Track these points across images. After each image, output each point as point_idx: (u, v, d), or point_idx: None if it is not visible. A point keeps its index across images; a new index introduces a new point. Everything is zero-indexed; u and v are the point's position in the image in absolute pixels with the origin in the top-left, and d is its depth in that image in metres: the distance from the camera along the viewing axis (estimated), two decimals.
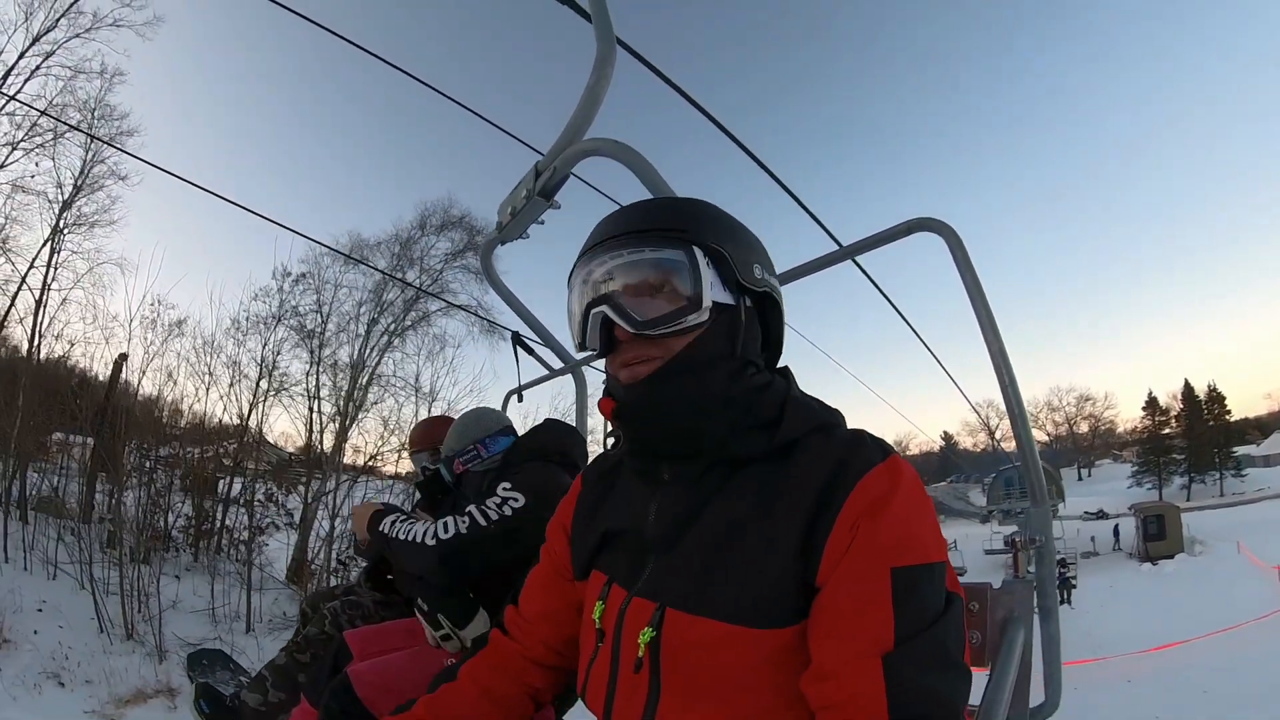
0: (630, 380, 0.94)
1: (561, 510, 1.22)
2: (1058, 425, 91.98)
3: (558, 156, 1.79)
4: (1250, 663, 10.24)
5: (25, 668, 6.14)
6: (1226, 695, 8.80)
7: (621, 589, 0.97)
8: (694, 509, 0.93)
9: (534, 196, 1.91)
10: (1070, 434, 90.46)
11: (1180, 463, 66.13)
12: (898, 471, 0.83)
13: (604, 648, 0.96)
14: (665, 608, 0.87)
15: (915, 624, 0.74)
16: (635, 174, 1.55)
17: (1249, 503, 47.82)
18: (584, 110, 1.74)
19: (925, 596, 0.76)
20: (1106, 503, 52.66)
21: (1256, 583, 17.83)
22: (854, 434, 0.91)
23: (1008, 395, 2.03)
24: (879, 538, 0.77)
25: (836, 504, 0.80)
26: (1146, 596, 20.02)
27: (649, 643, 0.86)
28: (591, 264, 0.96)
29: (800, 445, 0.90)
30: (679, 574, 0.89)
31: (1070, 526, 36.45)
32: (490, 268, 2.72)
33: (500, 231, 2.14)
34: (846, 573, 0.77)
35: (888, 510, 0.79)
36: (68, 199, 14.52)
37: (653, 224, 0.95)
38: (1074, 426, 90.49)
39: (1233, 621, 12.80)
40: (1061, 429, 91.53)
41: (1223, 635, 12.17)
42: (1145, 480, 67.30)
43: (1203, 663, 10.71)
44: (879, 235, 2.21)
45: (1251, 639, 11.69)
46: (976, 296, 2.04)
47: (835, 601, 0.77)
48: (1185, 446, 66.54)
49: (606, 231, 0.97)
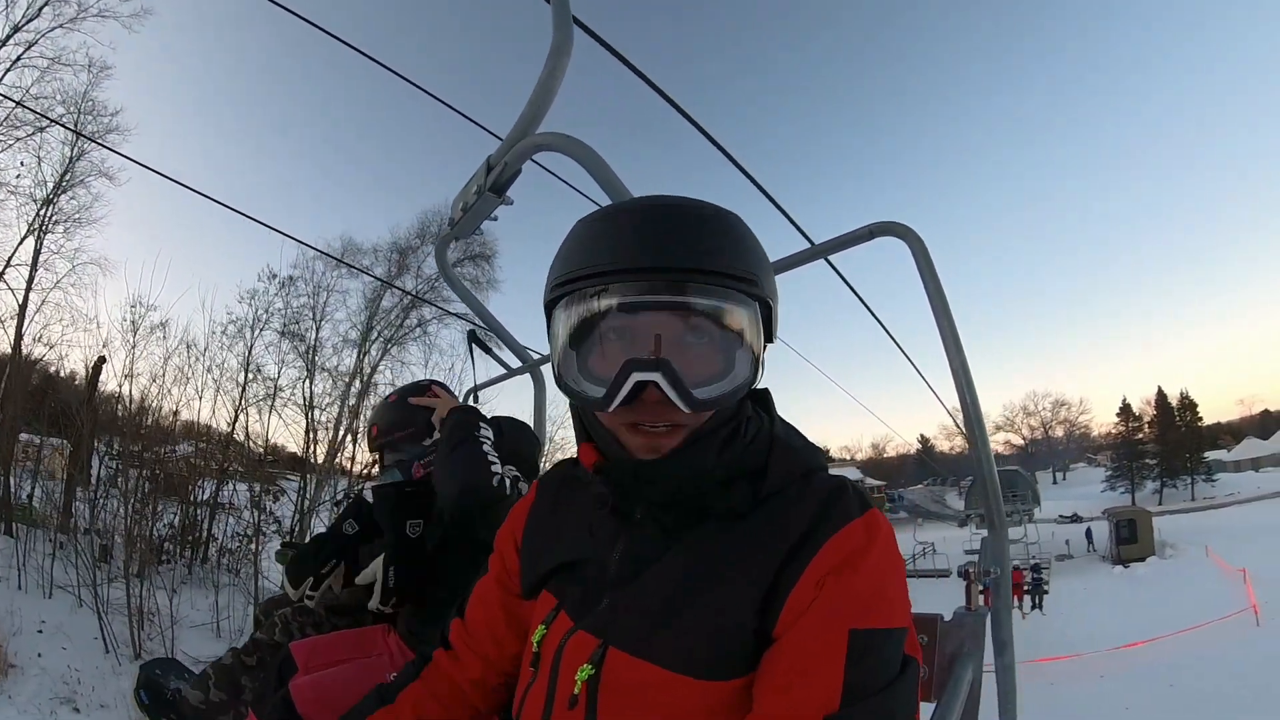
0: (650, 455, 0.85)
1: (513, 519, 1.15)
2: (1033, 429, 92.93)
3: (509, 150, 1.71)
4: (1213, 659, 10.77)
5: (35, 693, 5.86)
6: (1191, 689, 9.34)
7: (568, 619, 0.91)
8: (660, 551, 0.88)
9: (485, 192, 1.83)
10: (1046, 438, 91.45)
11: (1153, 468, 67.15)
12: (874, 529, 0.80)
13: (540, 676, 0.91)
14: (609, 646, 0.83)
15: (865, 688, 0.71)
16: (589, 172, 1.48)
17: (1219, 507, 48.77)
18: (537, 102, 1.65)
19: (880, 662, 0.73)
20: (1081, 506, 53.30)
21: (1223, 585, 18.32)
22: (835, 483, 0.86)
23: (967, 413, 1.97)
24: (843, 598, 0.74)
25: (805, 558, 0.77)
26: (1118, 598, 20.58)
27: (586, 680, 0.82)
28: (638, 304, 0.78)
29: (779, 494, 0.86)
30: (632, 615, 0.84)
31: (1045, 530, 36.90)
32: (445, 263, 2.60)
33: (453, 228, 2.09)
34: (804, 628, 0.74)
35: (857, 571, 0.76)
36: (49, 195, 13.92)
37: (728, 266, 0.79)
38: (1049, 431, 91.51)
39: (1199, 621, 13.30)
40: (1037, 433, 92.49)
41: (1189, 634, 12.66)
42: (1119, 484, 68.35)
43: (1170, 659, 11.22)
44: (840, 239, 2.15)
45: (1215, 637, 12.24)
46: (939, 307, 1.97)
47: (787, 655, 0.74)
48: (1158, 452, 67.63)
49: (665, 251, 0.78)
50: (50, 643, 6.69)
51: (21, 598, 7.37)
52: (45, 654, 6.46)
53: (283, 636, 2.33)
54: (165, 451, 10.43)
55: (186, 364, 11.27)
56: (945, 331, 1.96)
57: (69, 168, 14.24)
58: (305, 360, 14.29)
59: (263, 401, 13.05)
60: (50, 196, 13.96)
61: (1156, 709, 8.49)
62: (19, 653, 6.28)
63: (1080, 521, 44.24)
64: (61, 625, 6.99)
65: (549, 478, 1.15)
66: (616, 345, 0.81)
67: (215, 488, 10.96)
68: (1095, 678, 11.10)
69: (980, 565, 1.92)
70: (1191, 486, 63.53)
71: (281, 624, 2.38)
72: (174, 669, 3.16)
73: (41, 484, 9.93)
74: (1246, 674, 9.69)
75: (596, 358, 0.83)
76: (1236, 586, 16.86)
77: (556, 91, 1.66)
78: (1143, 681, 10.14)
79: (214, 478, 10.97)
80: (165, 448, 10.50)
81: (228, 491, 11.20)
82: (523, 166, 1.80)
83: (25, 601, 7.25)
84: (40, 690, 5.92)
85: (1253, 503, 46.18)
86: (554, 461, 1.89)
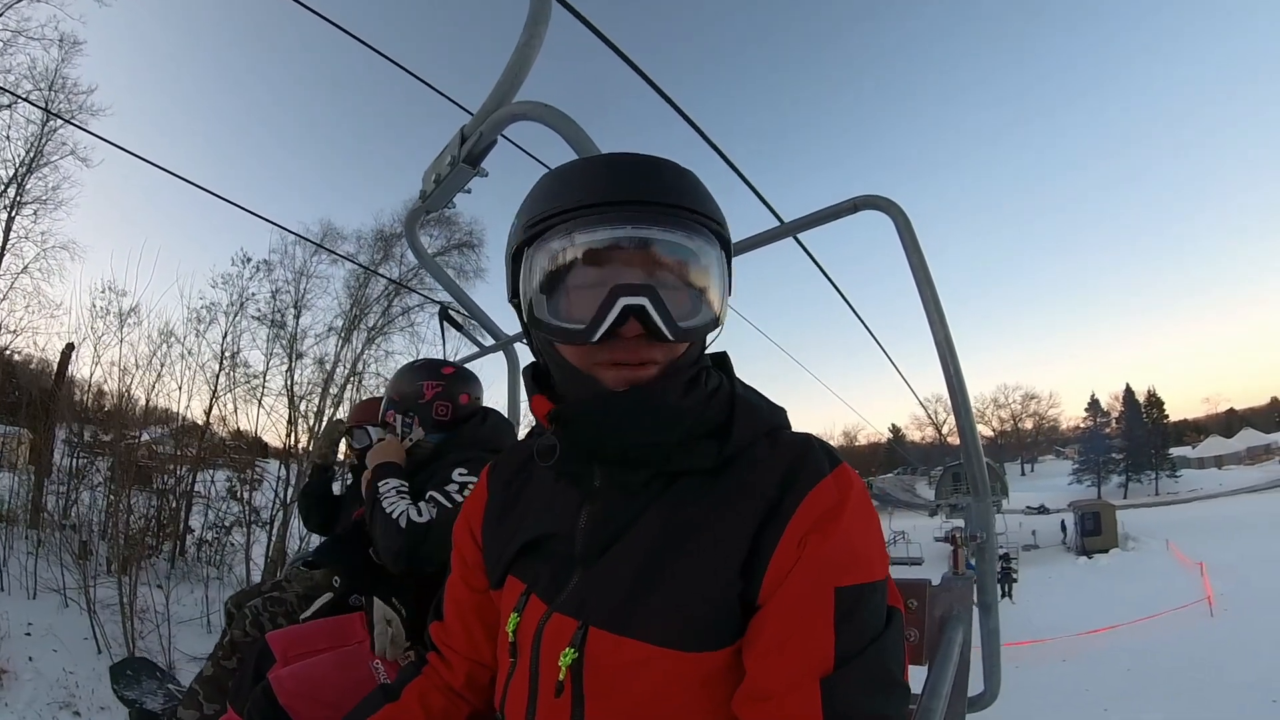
0: (623, 384, 0.82)
1: (466, 512, 1.12)
2: (1003, 421, 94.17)
3: (484, 120, 1.66)
4: (1169, 646, 11.17)
5: (33, 699, 5.69)
6: (1147, 673, 9.71)
7: (541, 602, 0.88)
8: (629, 520, 0.85)
9: (459, 163, 1.78)
10: (1015, 430, 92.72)
11: (1119, 462, 68.49)
12: (847, 483, 0.79)
13: (519, 665, 0.88)
14: (589, 626, 0.80)
15: (855, 644, 0.71)
16: (567, 141, 1.44)
17: (1181, 502, 49.72)
18: (513, 72, 1.61)
19: (867, 616, 0.73)
20: (1048, 498, 54.04)
21: (1182, 577, 18.76)
22: (801, 440, 0.85)
23: (952, 386, 1.95)
24: (825, 555, 0.74)
25: (783, 518, 0.76)
26: (1082, 587, 21.07)
27: (570, 665, 0.79)
28: (625, 229, 0.78)
29: (745, 452, 0.84)
30: (607, 590, 0.81)
31: (1013, 520, 37.43)
32: (415, 237, 2.49)
33: (424, 200, 2.02)
34: (789, 591, 0.73)
35: (836, 526, 0.75)
36: (15, 176, 13.23)
37: (702, 207, 0.81)
38: (1019, 423, 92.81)
39: (1157, 610, 13.72)
40: (1007, 425, 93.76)
41: (1147, 622, 13.08)
42: (1085, 478, 69.52)
43: (1128, 645, 11.62)
44: (823, 212, 2.11)
45: (1172, 626, 12.66)
46: (923, 281, 1.96)
47: (775, 620, 0.73)
48: (1124, 447, 68.98)
49: (644, 188, 0.79)
50: (41, 646, 6.45)
51: (5, 600, 7.13)
52: (37, 658, 6.24)
53: (254, 629, 2.31)
54: (133, 438, 9.97)
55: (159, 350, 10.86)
56: (929, 305, 1.94)
57: (38, 147, 13.59)
58: (286, 348, 13.89)
59: (239, 388, 12.64)
60: (18, 177, 13.35)
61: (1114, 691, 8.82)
62: (11, 658, 6.08)
63: (1047, 513, 44.94)
64: (51, 627, 6.77)
65: (500, 463, 1.12)
66: (597, 279, 0.79)
67: (191, 476, 10.67)
68: (1058, 661, 11.44)
69: (967, 530, 1.94)
70: (1156, 482, 64.96)
71: (253, 616, 2.35)
72: (145, 668, 3.02)
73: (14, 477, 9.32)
74: (1199, 660, 10.07)
75: (578, 293, 0.81)
76: (1194, 579, 17.23)
77: (534, 60, 1.62)
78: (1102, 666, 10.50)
79: (189, 465, 10.65)
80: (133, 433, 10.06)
81: (204, 480, 10.84)
82: (498, 138, 1.76)
83: (9, 604, 6.99)
84: (37, 695, 5.75)
85: (1214, 499, 47.17)
86: None
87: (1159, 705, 7.96)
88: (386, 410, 2.23)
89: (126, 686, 2.75)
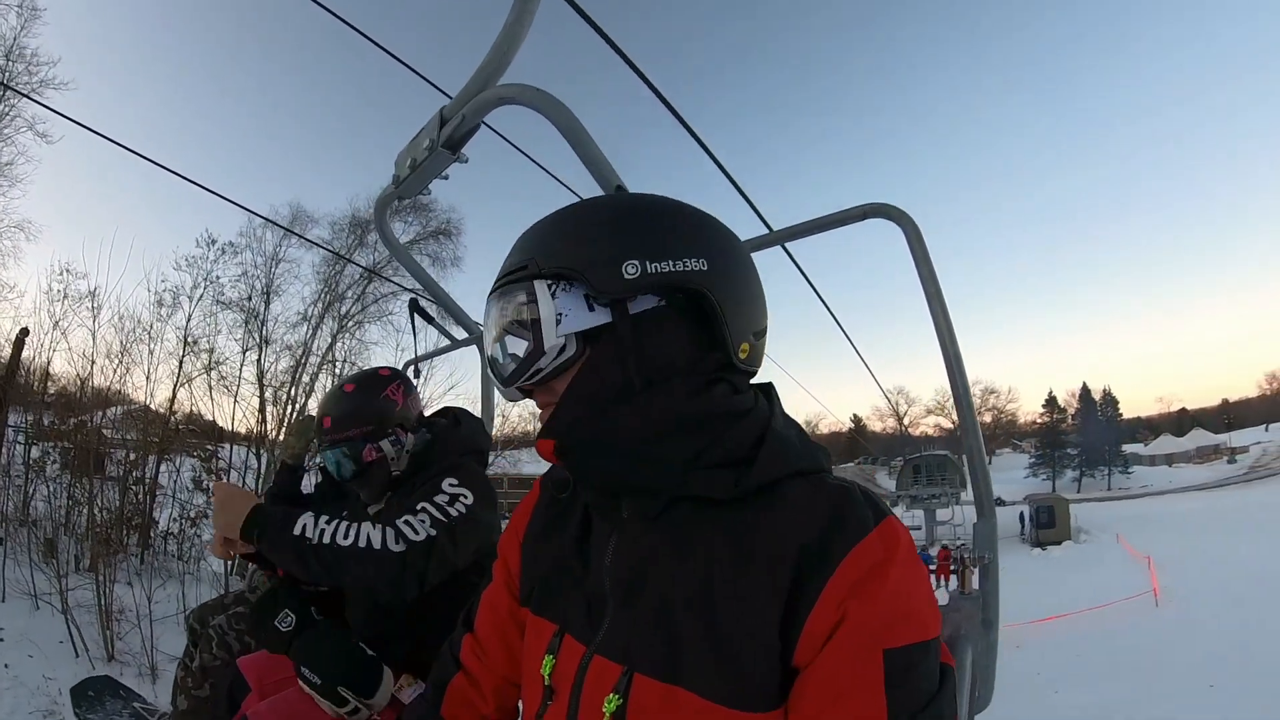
0: (543, 423, 0.86)
1: (517, 518, 1.08)
2: None
3: (467, 103, 1.55)
4: (1117, 633, 11.69)
5: (14, 708, 5.36)
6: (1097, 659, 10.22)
7: (578, 642, 0.85)
8: (657, 555, 0.82)
9: (438, 148, 1.65)
10: None
11: (1073, 458, 70.35)
12: (894, 540, 0.73)
13: (554, 707, 0.85)
14: (634, 673, 0.77)
15: (908, 709, 0.67)
16: (558, 129, 1.36)
17: (1133, 498, 51.22)
18: (500, 51, 1.48)
19: (919, 678, 0.68)
20: (1005, 491, 54.95)
21: (1130, 569, 19.38)
22: (841, 488, 0.79)
23: (959, 400, 1.95)
24: (871, 619, 0.68)
25: (821, 577, 0.71)
26: (1036, 577, 21.54)
27: (614, 711, 0.76)
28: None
29: (777, 492, 0.78)
30: (646, 633, 0.78)
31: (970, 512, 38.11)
32: (385, 224, 2.31)
33: (397, 186, 1.87)
34: (833, 656, 0.69)
35: (882, 587, 0.70)
36: None
37: (506, 268, 0.87)
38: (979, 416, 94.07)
39: (1106, 600, 14.29)
40: None
41: (1097, 611, 13.59)
42: (1041, 472, 71.37)
43: (1080, 633, 12.11)
44: (832, 217, 2.07)
45: (1119, 615, 13.20)
46: (932, 293, 1.92)
47: (821, 687, 0.69)
48: (1079, 443, 70.82)
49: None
50: (16, 651, 6.04)
51: None
52: (13, 664, 5.86)
53: (223, 652, 2.11)
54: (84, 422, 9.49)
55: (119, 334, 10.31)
56: (938, 316, 1.92)
57: None
58: (254, 335, 13.29)
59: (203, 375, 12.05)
60: None
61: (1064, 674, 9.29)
62: None
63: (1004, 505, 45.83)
64: (24, 631, 6.32)
65: (551, 477, 1.07)
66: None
67: (155, 466, 10.21)
68: (1012, 648, 11.77)
69: (975, 551, 1.98)
70: (1108, 477, 66.96)
71: (219, 637, 2.14)
72: (108, 688, 2.80)
73: None
74: (1144, 647, 10.60)
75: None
76: (1141, 571, 17.77)
77: (523, 40, 1.49)
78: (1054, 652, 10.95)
79: (147, 452, 10.09)
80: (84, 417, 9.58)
81: (168, 471, 10.37)
82: (481, 124, 1.63)
83: None
84: (18, 705, 5.43)
85: (1164, 496, 48.74)
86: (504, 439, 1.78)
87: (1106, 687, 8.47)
88: (364, 449, 1.89)
89: (89, 709, 2.58)
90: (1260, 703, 7.18)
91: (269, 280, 13.98)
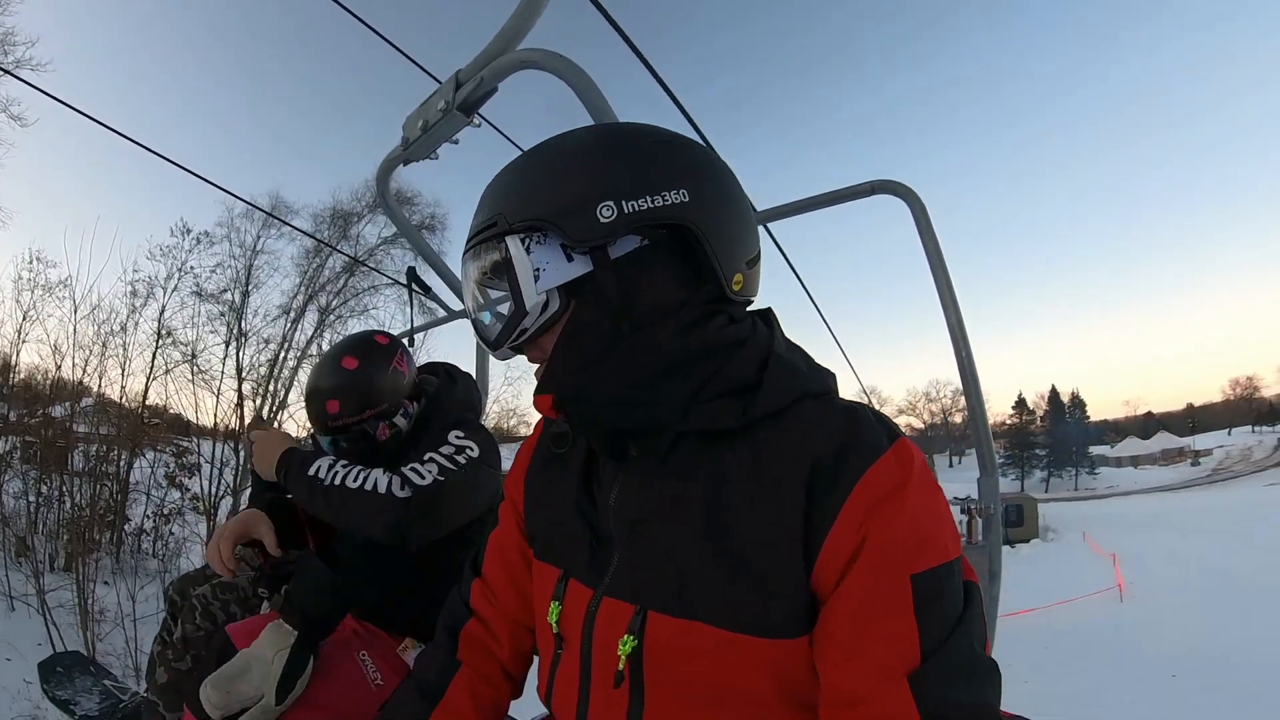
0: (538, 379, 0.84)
1: (519, 462, 1.06)
2: (934, 415, 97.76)
3: (486, 65, 1.49)
4: (1083, 626, 11.95)
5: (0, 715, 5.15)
6: (1063, 650, 10.46)
7: (584, 586, 0.83)
8: (665, 491, 0.79)
9: (452, 110, 1.58)
10: (945, 423, 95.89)
11: (1042, 458, 71.51)
12: (908, 459, 0.70)
13: (567, 655, 0.83)
14: (647, 611, 0.74)
15: (939, 633, 0.65)
16: (581, 99, 1.31)
17: (1099, 498, 52.28)
18: (522, 16, 1.41)
19: (947, 600, 0.67)
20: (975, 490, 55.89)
21: (1096, 566, 19.70)
22: (851, 408, 0.76)
23: (964, 369, 1.98)
24: (894, 543, 0.66)
25: (838, 496, 0.68)
26: (1005, 573, 21.75)
27: (630, 653, 0.73)
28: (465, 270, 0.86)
29: (786, 415, 0.76)
30: (656, 569, 0.76)
31: None
32: (386, 191, 2.18)
33: (405, 149, 1.77)
34: (858, 584, 0.66)
35: (901, 508, 0.67)
36: None
37: (476, 225, 0.82)
38: (949, 417, 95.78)
39: (1073, 595, 14.57)
40: (938, 418, 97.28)
41: (1063, 605, 13.86)
42: (1010, 471, 72.23)
43: (1047, 626, 12.33)
44: (840, 192, 2.06)
45: (1085, 609, 13.50)
46: (938, 267, 1.96)
47: (850, 618, 0.66)
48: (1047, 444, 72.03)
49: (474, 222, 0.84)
50: None
51: None
52: None
53: (205, 621, 2.00)
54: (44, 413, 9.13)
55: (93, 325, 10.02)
56: (943, 291, 1.96)
57: None
58: (231, 327, 12.96)
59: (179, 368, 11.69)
60: None
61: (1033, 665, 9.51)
62: None
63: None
64: (0, 633, 6.07)
65: (549, 429, 1.04)
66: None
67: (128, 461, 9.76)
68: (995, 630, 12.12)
69: (981, 503, 2.06)
70: (1076, 478, 68.30)
71: (202, 607, 2.02)
72: (78, 663, 2.67)
73: None
74: (1108, 640, 10.90)
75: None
76: (1107, 568, 18.10)
77: (547, 3, 1.41)
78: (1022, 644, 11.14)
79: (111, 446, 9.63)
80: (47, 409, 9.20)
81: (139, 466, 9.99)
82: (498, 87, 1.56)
83: None
84: (4, 713, 5.23)
85: (1129, 496, 49.85)
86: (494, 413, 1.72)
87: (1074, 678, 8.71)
88: (378, 428, 1.82)
89: (58, 685, 2.44)
90: (1219, 691, 7.42)
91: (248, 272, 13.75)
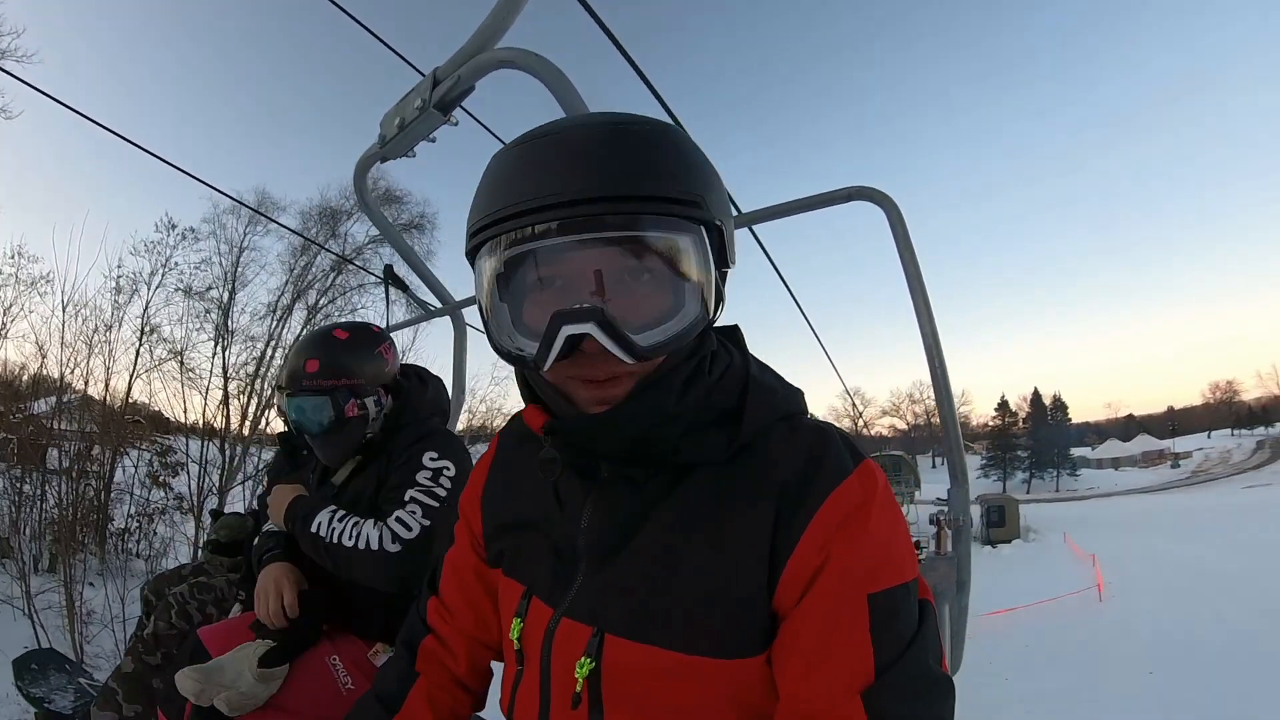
0: (599, 406, 0.74)
1: (473, 481, 1.03)
2: (917, 416, 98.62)
3: (463, 64, 1.48)
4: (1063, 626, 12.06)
5: None
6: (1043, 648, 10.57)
7: (545, 605, 0.81)
8: (637, 516, 0.78)
9: (429, 108, 1.59)
10: (928, 425, 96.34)
11: (1024, 460, 72.32)
12: (871, 482, 0.72)
13: (528, 672, 0.82)
14: (604, 633, 0.74)
15: (894, 650, 0.66)
16: (556, 99, 1.29)
17: (1080, 499, 52.70)
18: (500, 15, 1.40)
19: (902, 619, 0.68)
20: None
21: (1076, 566, 19.92)
22: (819, 430, 0.77)
23: (937, 380, 1.98)
24: (853, 562, 0.68)
25: (802, 518, 0.69)
26: (986, 573, 21.91)
27: (588, 675, 0.73)
28: (561, 245, 0.66)
29: (759, 440, 0.76)
30: (619, 592, 0.75)
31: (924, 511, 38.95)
32: (364, 188, 2.16)
33: (382, 146, 1.79)
34: (818, 602, 0.68)
35: (863, 531, 0.69)
36: None
37: (664, 189, 0.66)
38: (932, 418, 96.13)
39: (1053, 595, 14.73)
40: (921, 420, 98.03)
41: (1044, 605, 13.99)
42: (992, 473, 73.10)
43: (1027, 625, 12.45)
44: (818, 198, 2.03)
45: (1065, 609, 13.62)
46: (913, 275, 1.93)
47: (808, 635, 0.68)
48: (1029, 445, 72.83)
49: (584, 182, 0.64)
50: None
51: None
52: None
53: (181, 620, 2.01)
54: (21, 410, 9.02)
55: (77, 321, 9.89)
56: (918, 299, 1.94)
57: None
58: (216, 325, 12.82)
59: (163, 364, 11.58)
60: None
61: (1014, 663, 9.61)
62: None
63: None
64: None
65: (509, 431, 1.01)
66: (546, 293, 0.69)
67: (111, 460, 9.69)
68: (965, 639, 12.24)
69: (950, 514, 2.06)
70: (1057, 479, 69.11)
71: (178, 606, 2.03)
72: (53, 660, 2.63)
73: None
74: (1088, 639, 11.01)
75: (529, 308, 0.72)
76: (1087, 568, 18.23)
77: (525, 3, 1.40)
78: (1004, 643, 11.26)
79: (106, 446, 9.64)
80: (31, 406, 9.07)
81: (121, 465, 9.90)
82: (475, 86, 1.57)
83: None
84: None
85: (1109, 497, 50.33)
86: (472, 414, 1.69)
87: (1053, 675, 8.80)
88: (348, 402, 1.79)
89: (31, 682, 2.41)
90: (1195, 688, 7.53)
91: (235, 269, 13.60)
